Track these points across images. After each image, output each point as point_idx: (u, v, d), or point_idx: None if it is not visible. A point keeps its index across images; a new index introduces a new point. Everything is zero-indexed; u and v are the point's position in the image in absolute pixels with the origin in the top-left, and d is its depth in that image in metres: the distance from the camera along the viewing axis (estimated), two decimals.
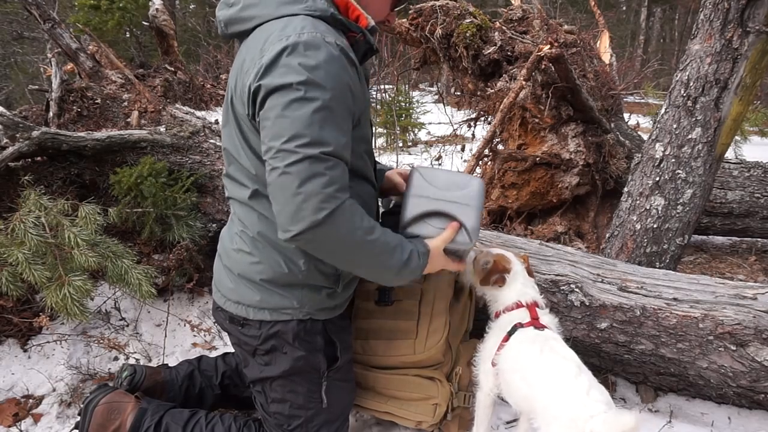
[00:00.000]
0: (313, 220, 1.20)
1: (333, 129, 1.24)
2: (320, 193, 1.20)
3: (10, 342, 2.27)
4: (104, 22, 4.71)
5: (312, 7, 1.30)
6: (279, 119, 1.21)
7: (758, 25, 2.14)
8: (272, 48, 1.23)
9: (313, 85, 1.21)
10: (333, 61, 1.24)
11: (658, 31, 21.70)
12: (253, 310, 1.48)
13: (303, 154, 1.20)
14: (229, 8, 1.39)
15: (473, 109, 3.89)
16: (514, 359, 1.53)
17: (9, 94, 11.14)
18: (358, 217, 1.29)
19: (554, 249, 2.20)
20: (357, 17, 1.39)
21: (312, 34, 1.24)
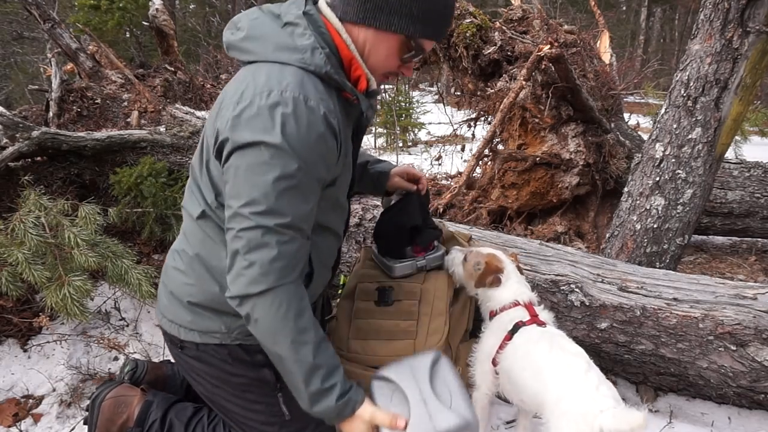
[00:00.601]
0: (247, 291, 1.19)
1: (295, 200, 1.19)
2: (261, 266, 1.17)
3: (10, 342, 2.27)
4: (104, 22, 4.71)
5: (307, 60, 1.22)
6: (240, 179, 1.18)
7: (758, 25, 2.14)
8: (251, 99, 1.18)
9: (282, 152, 1.15)
10: (309, 130, 1.18)
11: (658, 31, 21.70)
12: (184, 331, 1.45)
13: (256, 223, 1.17)
14: (233, 34, 1.33)
15: (473, 109, 3.89)
16: (521, 358, 1.52)
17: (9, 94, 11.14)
18: (293, 311, 1.21)
19: (554, 249, 2.20)
20: (358, 77, 1.33)
21: (295, 95, 1.17)
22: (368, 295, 1.80)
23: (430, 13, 1.27)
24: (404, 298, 1.76)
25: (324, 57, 1.24)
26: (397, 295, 1.77)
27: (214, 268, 1.38)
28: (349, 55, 1.30)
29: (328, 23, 1.29)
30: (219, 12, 18.09)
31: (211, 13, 18.35)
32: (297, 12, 1.27)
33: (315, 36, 1.25)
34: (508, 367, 1.55)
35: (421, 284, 1.78)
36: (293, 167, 1.17)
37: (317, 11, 1.30)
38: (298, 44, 1.23)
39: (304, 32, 1.25)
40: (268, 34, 1.27)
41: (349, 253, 2.38)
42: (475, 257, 1.68)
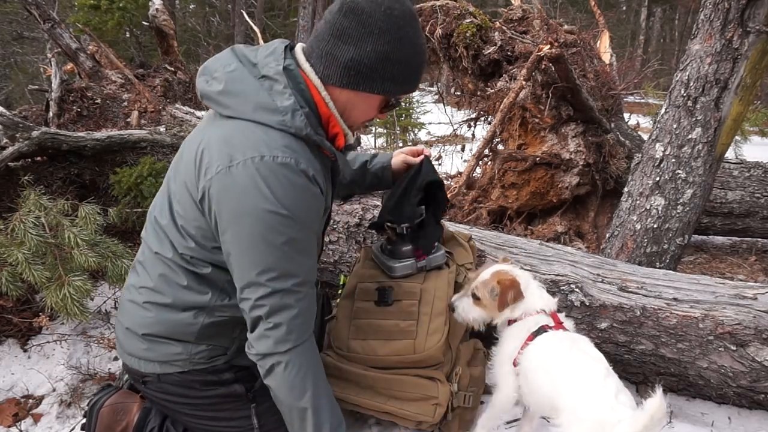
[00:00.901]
0: (275, 350, 1.26)
1: (302, 258, 1.26)
2: (287, 326, 1.24)
3: (10, 342, 2.27)
4: (104, 22, 4.71)
5: (288, 123, 1.24)
6: (248, 249, 1.22)
7: (758, 25, 2.14)
8: (243, 164, 1.19)
9: (283, 217, 1.20)
10: (303, 191, 1.23)
11: (658, 31, 21.70)
12: (144, 363, 1.44)
13: (272, 288, 1.23)
14: (208, 83, 1.32)
15: (473, 109, 3.89)
16: (542, 359, 1.50)
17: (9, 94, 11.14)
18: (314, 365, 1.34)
19: (554, 249, 2.20)
20: (335, 134, 1.36)
21: (286, 159, 1.20)
22: (368, 295, 1.80)
23: (408, 72, 1.32)
24: (404, 298, 1.76)
25: (304, 118, 1.26)
26: (396, 295, 1.77)
27: (174, 303, 1.39)
28: (327, 113, 1.32)
29: (307, 79, 1.30)
30: (219, 12, 18.08)
31: (211, 13, 18.34)
32: (276, 67, 1.27)
33: (295, 95, 1.25)
34: (527, 368, 1.52)
35: (421, 284, 1.78)
36: (296, 229, 1.23)
37: (296, 65, 1.30)
38: (278, 105, 1.24)
39: (284, 91, 1.25)
40: (248, 91, 1.26)
41: (349, 253, 2.38)
42: (485, 286, 1.59)
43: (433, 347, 1.66)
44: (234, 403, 1.49)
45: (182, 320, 1.39)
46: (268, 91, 1.25)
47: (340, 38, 1.25)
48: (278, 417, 1.48)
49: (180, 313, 1.39)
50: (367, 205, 2.42)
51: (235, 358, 1.47)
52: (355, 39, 1.24)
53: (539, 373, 1.48)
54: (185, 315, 1.39)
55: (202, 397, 1.47)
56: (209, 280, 1.37)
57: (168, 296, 1.39)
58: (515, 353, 1.55)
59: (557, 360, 1.46)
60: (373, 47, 1.24)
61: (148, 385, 1.48)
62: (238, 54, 1.32)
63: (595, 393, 1.33)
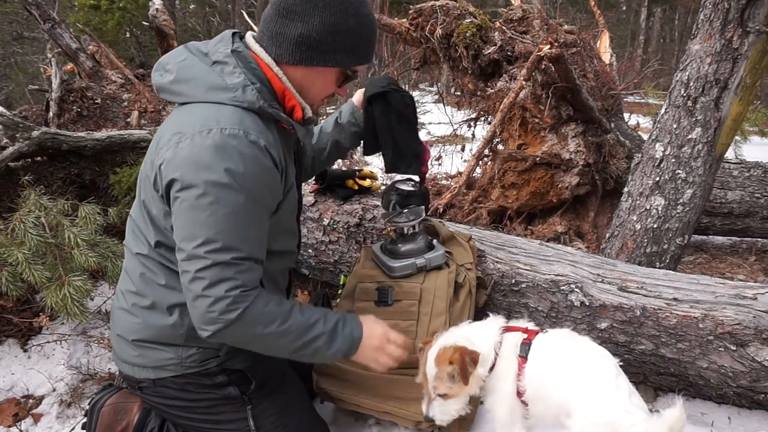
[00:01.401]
0: (226, 321, 1.21)
1: (246, 232, 1.23)
2: (227, 297, 1.20)
3: (10, 342, 2.27)
4: (104, 22, 4.72)
5: (240, 98, 1.25)
6: (190, 220, 1.20)
7: (758, 25, 2.14)
8: (191, 138, 1.20)
9: (229, 188, 1.19)
10: (253, 162, 1.21)
11: (658, 31, 21.70)
12: (138, 369, 1.45)
13: (213, 260, 1.20)
14: (162, 76, 1.35)
15: (473, 109, 3.89)
16: (544, 370, 1.39)
17: (9, 94, 11.14)
18: (272, 306, 1.28)
19: (554, 249, 2.20)
20: (292, 107, 1.36)
21: (234, 130, 1.21)
22: (368, 295, 1.80)
23: (359, 42, 1.33)
24: (404, 298, 1.76)
25: (255, 92, 1.27)
26: (396, 295, 1.77)
27: (156, 304, 1.39)
28: (281, 87, 1.34)
29: (257, 58, 1.32)
30: (219, 12, 18.09)
31: (211, 13, 18.35)
32: (225, 50, 1.30)
33: (245, 73, 1.28)
34: (535, 388, 1.39)
35: (421, 284, 1.78)
36: (241, 200, 1.20)
37: (245, 47, 1.33)
38: (228, 83, 1.26)
39: (233, 70, 1.27)
40: (198, 75, 1.29)
41: (349, 253, 2.38)
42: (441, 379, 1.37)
43: None
44: (230, 406, 1.49)
45: (168, 322, 1.39)
46: (218, 73, 1.28)
47: (287, 17, 1.28)
48: (275, 418, 1.50)
49: (164, 315, 1.39)
50: (367, 205, 2.42)
51: (227, 360, 1.46)
52: (301, 15, 1.27)
53: (548, 385, 1.38)
54: (169, 316, 1.39)
55: (197, 400, 1.47)
56: None
57: (149, 297, 1.40)
58: (515, 387, 1.42)
59: (563, 364, 1.39)
60: (320, 20, 1.26)
61: (145, 391, 1.49)
62: (190, 47, 1.36)
63: (607, 394, 1.27)
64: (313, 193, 2.43)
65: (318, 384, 1.77)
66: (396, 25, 3.63)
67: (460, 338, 1.41)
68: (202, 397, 1.47)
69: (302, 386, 1.67)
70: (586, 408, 1.28)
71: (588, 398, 1.29)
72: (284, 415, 1.53)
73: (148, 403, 1.55)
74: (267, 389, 1.52)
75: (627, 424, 1.19)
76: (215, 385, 1.46)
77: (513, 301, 2.06)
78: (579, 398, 1.31)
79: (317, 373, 1.78)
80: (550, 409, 1.39)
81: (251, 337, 1.28)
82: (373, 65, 12.19)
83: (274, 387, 1.54)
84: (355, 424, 1.91)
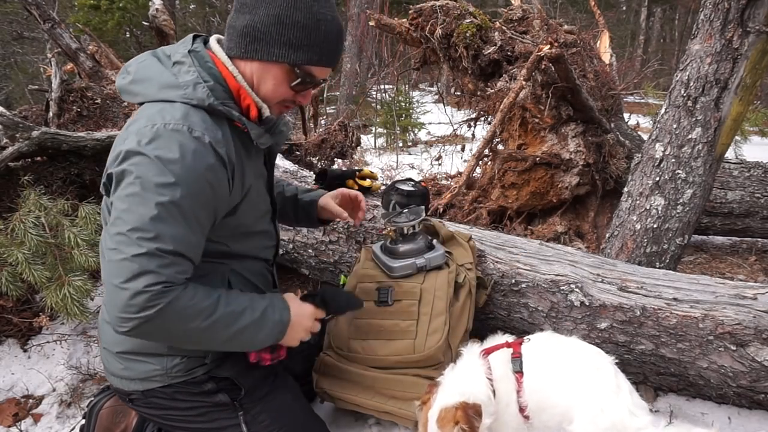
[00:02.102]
0: (145, 317, 1.15)
1: (177, 227, 1.18)
2: (147, 292, 1.13)
3: (10, 342, 2.27)
4: (104, 22, 4.72)
5: (190, 95, 1.24)
6: (125, 208, 1.17)
7: (758, 25, 2.14)
8: (136, 132, 1.20)
9: (165, 179, 1.16)
10: (193, 157, 1.18)
11: (658, 31, 21.70)
12: (126, 382, 1.43)
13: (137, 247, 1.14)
14: (123, 78, 1.35)
15: (473, 109, 3.89)
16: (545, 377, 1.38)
17: (9, 94, 11.15)
18: (198, 299, 1.22)
19: (554, 249, 2.20)
20: (248, 106, 1.34)
21: (178, 125, 1.19)
22: (368, 295, 1.80)
23: (308, 39, 1.28)
24: (404, 298, 1.76)
25: (206, 90, 1.26)
26: (396, 295, 1.77)
27: None
28: (236, 86, 1.32)
29: (214, 57, 1.32)
30: (219, 12, 18.09)
31: (211, 13, 18.35)
32: (183, 51, 1.31)
33: (199, 71, 1.27)
34: (537, 400, 1.39)
35: (421, 284, 1.78)
36: (177, 194, 1.17)
37: (204, 48, 1.33)
38: (180, 81, 1.26)
39: (188, 69, 1.28)
40: (153, 75, 1.29)
41: (349, 253, 2.39)
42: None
43: (433, 347, 1.66)
44: (222, 413, 1.48)
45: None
46: (174, 73, 1.28)
47: (239, 10, 1.29)
48: (268, 423, 1.49)
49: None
50: (367, 205, 2.42)
51: (214, 368, 1.44)
52: (250, 7, 1.27)
53: (550, 394, 1.37)
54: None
55: (189, 408, 1.46)
56: None
57: None
58: (516, 408, 1.41)
59: (560, 369, 1.37)
60: (265, 11, 1.25)
61: (136, 403, 1.47)
62: (157, 51, 1.36)
63: (610, 396, 1.25)
64: None
65: (318, 384, 1.77)
66: (396, 25, 3.63)
67: (457, 395, 1.37)
68: (193, 405, 1.45)
69: (297, 388, 1.65)
70: (590, 413, 1.26)
71: (591, 403, 1.27)
72: (277, 420, 1.51)
73: (142, 414, 1.54)
74: (258, 394, 1.50)
75: (633, 428, 1.18)
76: (204, 393, 1.45)
77: (513, 301, 2.06)
78: (581, 403, 1.28)
79: (317, 373, 1.79)
80: (555, 417, 1.37)
81: (173, 333, 1.23)
82: (373, 65, 12.19)
83: (265, 391, 1.52)
84: (355, 424, 1.91)
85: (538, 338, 1.49)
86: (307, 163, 3.60)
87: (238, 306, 1.29)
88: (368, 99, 9.69)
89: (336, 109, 9.93)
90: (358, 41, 10.03)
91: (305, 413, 1.62)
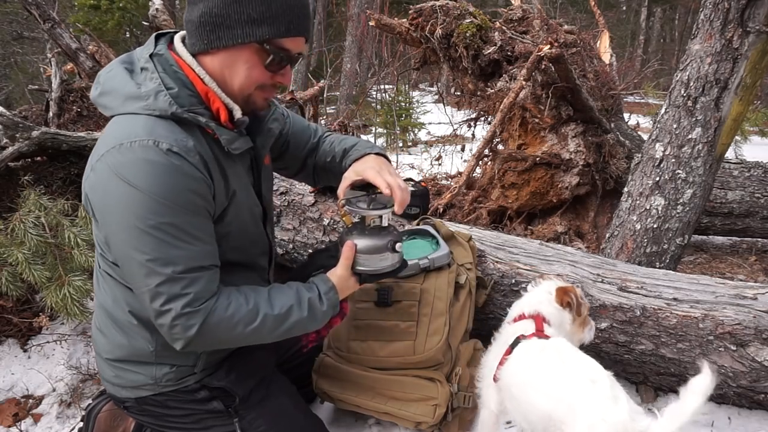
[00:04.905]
0: (188, 338, 1.19)
1: (179, 244, 1.16)
2: (182, 315, 1.17)
3: (10, 342, 2.27)
4: (104, 22, 4.72)
5: (152, 106, 1.17)
6: (122, 245, 1.17)
7: (758, 25, 2.14)
8: (103, 156, 1.15)
9: (149, 201, 1.12)
10: (169, 171, 1.14)
11: (658, 31, 21.70)
12: (118, 389, 1.42)
13: (161, 276, 1.15)
14: (95, 89, 1.29)
15: (473, 109, 3.89)
16: (523, 373, 1.42)
17: (9, 94, 11.15)
18: (234, 309, 1.23)
19: (554, 249, 2.20)
20: (217, 109, 1.25)
21: (144, 143, 1.13)
22: (368, 295, 1.79)
23: (272, 11, 1.18)
24: (404, 299, 1.75)
25: (168, 98, 1.18)
26: (396, 296, 1.76)
27: (118, 320, 1.36)
28: (204, 89, 1.24)
29: (179, 60, 1.24)
30: None
31: None
32: (146, 56, 1.23)
33: (162, 77, 1.20)
34: (508, 384, 1.45)
35: (421, 284, 1.77)
36: (167, 213, 1.14)
37: (167, 50, 1.25)
38: (142, 91, 1.19)
39: (151, 76, 1.20)
40: (117, 86, 1.23)
41: None
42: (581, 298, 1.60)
43: (433, 348, 1.66)
44: (217, 420, 1.46)
45: (135, 339, 1.35)
46: (137, 82, 1.21)
47: (192, 2, 1.20)
48: (265, 428, 1.47)
49: (130, 332, 1.35)
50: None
51: (205, 377, 1.42)
52: None
53: (526, 390, 1.40)
54: (135, 333, 1.35)
55: (183, 416, 1.44)
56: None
57: (116, 315, 1.36)
58: (494, 367, 1.48)
59: (550, 374, 1.36)
60: None
61: (130, 410, 1.46)
62: (124, 57, 1.29)
63: (607, 401, 1.23)
64: (313, 193, 2.43)
65: (318, 385, 1.77)
66: (396, 25, 3.63)
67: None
68: (187, 413, 1.44)
69: (294, 391, 1.63)
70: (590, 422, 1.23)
71: (590, 412, 1.24)
72: (274, 425, 1.49)
73: (137, 420, 1.54)
74: (254, 400, 1.48)
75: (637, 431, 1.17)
76: (198, 401, 1.43)
77: (513, 301, 2.05)
78: (576, 412, 1.26)
79: (317, 373, 1.78)
80: (533, 418, 1.38)
81: (225, 341, 1.28)
82: (373, 65, 12.19)
83: (261, 396, 1.50)
84: (355, 424, 1.91)
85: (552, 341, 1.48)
86: None
87: (281, 306, 1.30)
88: (368, 99, 9.69)
89: (336, 109, 9.92)
90: (358, 41, 10.03)
91: (303, 416, 1.60)
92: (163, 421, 1.47)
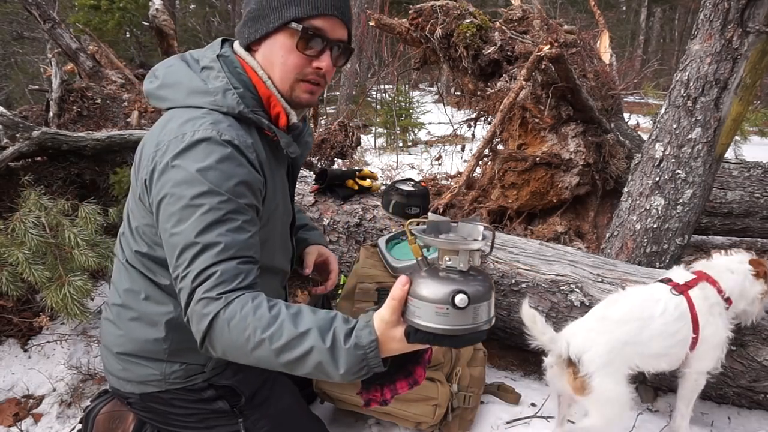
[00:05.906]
0: (199, 330, 1.08)
1: (225, 229, 1.13)
2: (204, 298, 1.08)
3: (10, 342, 2.27)
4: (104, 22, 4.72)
5: (220, 102, 1.22)
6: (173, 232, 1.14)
7: (758, 25, 2.14)
8: (167, 145, 1.18)
9: (203, 190, 1.13)
10: (228, 162, 1.16)
11: (658, 31, 21.70)
12: (123, 383, 1.42)
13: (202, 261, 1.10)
14: (151, 82, 1.33)
15: (473, 109, 3.89)
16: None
17: (9, 94, 11.15)
18: (252, 311, 1.06)
19: (554, 249, 2.21)
20: (277, 114, 1.31)
21: (208, 132, 1.16)
22: (368, 295, 1.80)
23: None
24: None
25: (236, 97, 1.23)
26: None
27: (141, 316, 1.36)
28: (267, 93, 1.29)
29: (243, 63, 1.30)
30: (219, 12, 18.10)
31: (211, 13, 18.36)
32: (212, 56, 1.28)
33: (228, 77, 1.25)
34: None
35: None
36: (215, 201, 1.13)
37: (233, 52, 1.31)
38: (209, 87, 1.23)
39: (217, 75, 1.25)
40: (182, 79, 1.27)
41: (349, 253, 2.39)
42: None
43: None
44: (221, 420, 1.46)
45: (151, 336, 1.35)
46: (203, 78, 1.25)
47: (243, 8, 1.31)
48: (269, 429, 1.47)
49: (147, 328, 1.36)
50: (367, 205, 2.42)
51: (214, 376, 1.42)
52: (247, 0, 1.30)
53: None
54: (152, 330, 1.35)
55: (187, 414, 1.44)
56: (168, 292, 1.32)
57: (134, 309, 1.36)
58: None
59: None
60: None
61: (134, 405, 1.47)
62: (185, 55, 1.34)
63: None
64: (313, 193, 2.44)
65: (318, 385, 1.77)
66: (396, 25, 3.63)
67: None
68: (191, 412, 1.44)
69: (296, 392, 1.63)
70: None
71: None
72: (278, 425, 1.50)
73: (139, 416, 1.54)
74: (258, 400, 1.49)
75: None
76: (203, 400, 1.43)
77: (513, 301, 2.06)
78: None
79: None
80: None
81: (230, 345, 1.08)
82: (373, 65, 12.19)
83: (265, 397, 1.51)
84: (355, 424, 1.91)
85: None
86: (307, 163, 3.60)
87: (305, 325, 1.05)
88: (368, 99, 9.70)
89: (336, 109, 9.93)
90: (358, 41, 10.03)
91: (306, 417, 1.61)
92: (166, 419, 1.47)
